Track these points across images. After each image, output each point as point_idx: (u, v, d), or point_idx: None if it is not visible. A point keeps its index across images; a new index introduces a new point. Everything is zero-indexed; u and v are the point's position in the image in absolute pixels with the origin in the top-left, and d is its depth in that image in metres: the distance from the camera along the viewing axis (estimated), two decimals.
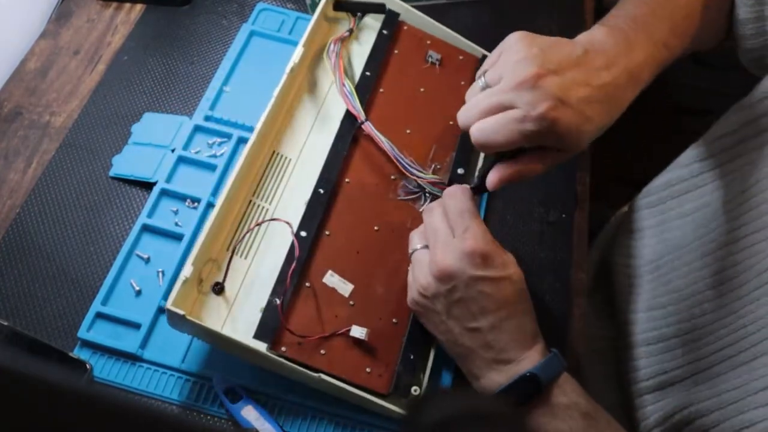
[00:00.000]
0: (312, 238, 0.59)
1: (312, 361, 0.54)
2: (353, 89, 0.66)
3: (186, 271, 0.53)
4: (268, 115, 0.62)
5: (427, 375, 0.57)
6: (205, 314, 0.56)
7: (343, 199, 0.62)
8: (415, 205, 0.63)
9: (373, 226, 0.61)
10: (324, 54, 0.70)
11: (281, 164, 0.65)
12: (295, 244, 0.57)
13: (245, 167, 0.60)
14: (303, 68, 0.70)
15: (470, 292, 0.53)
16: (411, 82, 0.70)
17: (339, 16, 0.74)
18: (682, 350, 0.64)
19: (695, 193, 0.71)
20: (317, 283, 0.57)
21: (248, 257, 0.60)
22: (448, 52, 0.73)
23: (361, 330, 0.55)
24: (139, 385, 0.57)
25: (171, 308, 0.51)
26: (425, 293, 0.54)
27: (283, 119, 0.67)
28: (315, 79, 0.71)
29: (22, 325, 0.59)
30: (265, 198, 0.63)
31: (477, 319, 0.53)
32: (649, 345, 0.68)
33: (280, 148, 0.66)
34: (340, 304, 0.57)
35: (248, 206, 0.62)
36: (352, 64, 0.72)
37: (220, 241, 0.59)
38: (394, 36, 0.73)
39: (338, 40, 0.70)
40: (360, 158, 0.65)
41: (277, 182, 0.64)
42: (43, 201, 0.65)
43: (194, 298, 0.56)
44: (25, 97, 0.72)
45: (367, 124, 0.65)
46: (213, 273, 0.58)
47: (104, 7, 0.80)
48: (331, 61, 0.69)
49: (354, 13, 0.74)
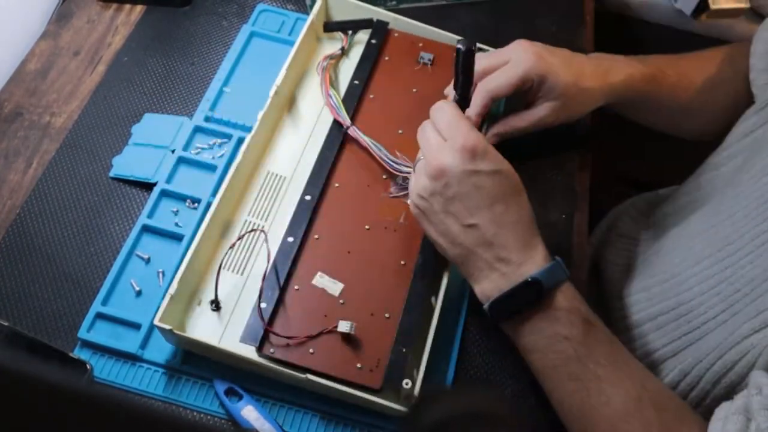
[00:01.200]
0: (299, 243, 0.60)
1: (301, 360, 0.55)
2: (339, 99, 0.69)
3: (172, 289, 0.56)
4: (252, 137, 0.65)
5: (422, 370, 0.56)
6: (195, 327, 0.58)
7: (331, 203, 0.64)
8: (407, 200, 0.64)
9: (364, 226, 0.63)
10: (316, 70, 0.73)
11: (276, 183, 0.67)
12: (268, 249, 0.59)
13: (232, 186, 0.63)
14: (291, 89, 0.72)
15: (464, 187, 0.54)
16: (402, 84, 0.72)
17: (326, 35, 0.77)
18: (672, 326, 0.65)
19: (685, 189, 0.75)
20: (306, 285, 0.59)
21: (238, 270, 0.62)
22: (442, 51, 0.74)
23: (347, 324, 0.55)
24: (139, 385, 0.57)
25: (158, 324, 0.54)
26: (423, 194, 0.56)
27: (270, 139, 0.69)
28: (306, 98, 0.73)
29: (22, 325, 0.59)
30: (261, 216, 0.65)
31: (473, 215, 0.55)
32: (640, 326, 0.69)
33: (273, 167, 0.68)
34: (330, 304, 0.58)
35: (243, 225, 0.64)
36: (342, 76, 0.74)
37: (211, 256, 0.62)
38: (383, 44, 0.74)
39: (327, 57, 0.73)
40: (349, 162, 0.67)
41: (272, 200, 0.66)
42: (44, 201, 0.65)
43: (184, 312, 0.59)
44: (25, 97, 0.72)
45: (352, 129, 0.67)
46: (202, 287, 0.60)
47: (104, 8, 0.80)
48: (320, 77, 0.71)
49: (345, 32, 0.75)
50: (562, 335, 0.54)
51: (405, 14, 0.77)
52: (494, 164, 0.55)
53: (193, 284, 0.60)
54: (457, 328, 0.62)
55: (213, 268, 0.61)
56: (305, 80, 0.74)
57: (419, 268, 0.60)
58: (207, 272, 0.61)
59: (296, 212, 0.63)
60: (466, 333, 0.62)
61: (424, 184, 0.56)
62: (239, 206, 0.65)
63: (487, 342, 0.62)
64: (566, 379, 0.54)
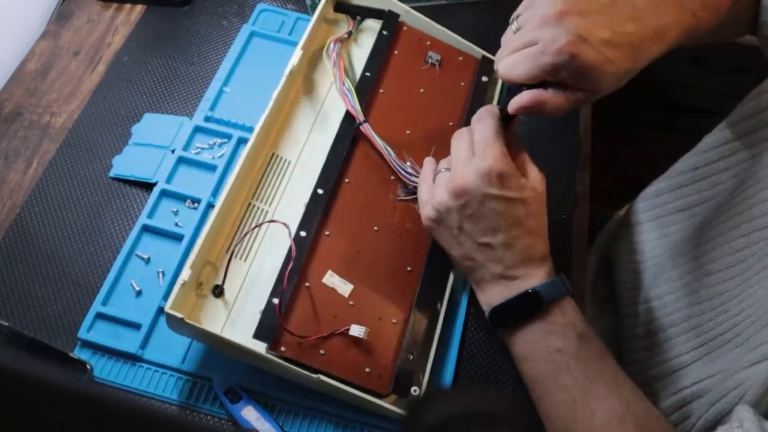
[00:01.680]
0: (311, 239, 0.59)
1: (311, 361, 0.54)
2: (353, 89, 0.66)
3: (184, 275, 0.54)
4: (266, 117, 0.62)
5: (427, 375, 0.57)
6: (204, 317, 0.57)
7: (343, 199, 0.62)
8: (415, 205, 0.63)
9: (373, 227, 0.61)
10: (324, 54, 0.70)
11: (281, 166, 0.65)
12: (292, 244, 0.57)
13: (244, 170, 0.60)
14: (302, 70, 0.70)
15: (483, 210, 0.54)
16: (411, 82, 0.71)
17: (338, 17, 0.75)
18: (682, 338, 0.65)
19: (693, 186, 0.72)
20: (317, 283, 0.57)
21: (248, 259, 0.60)
22: (448, 53, 0.73)
23: (360, 329, 0.55)
24: (139, 385, 0.57)
25: (169, 311, 0.51)
26: (439, 208, 0.56)
27: (282, 121, 0.67)
28: (314, 81, 0.71)
29: (22, 325, 0.59)
30: (265, 200, 0.63)
31: (487, 236, 0.55)
32: (649, 337, 0.69)
33: (279, 150, 0.66)
34: (340, 304, 0.57)
35: (247, 209, 0.62)
36: (352, 65, 0.72)
37: (220, 244, 0.59)
38: (393, 37, 0.73)
39: (338, 40, 0.71)
40: (360, 159, 0.65)
41: (277, 184, 0.64)
42: (44, 201, 0.65)
43: (193, 301, 0.56)
44: (25, 97, 0.72)
45: (365, 126, 0.65)
46: (212, 276, 0.58)
47: (104, 8, 0.80)
48: (331, 61, 0.69)
49: (353, 16, 0.74)
50: (555, 347, 0.55)
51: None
52: (517, 192, 0.55)
53: (202, 273, 0.57)
54: (457, 328, 0.62)
55: (221, 258, 0.59)
56: (315, 62, 0.72)
57: (426, 277, 0.60)
58: (216, 262, 0.59)
59: (309, 206, 0.60)
60: (466, 333, 0.62)
61: (443, 198, 0.56)
62: (246, 189, 0.62)
63: (487, 342, 0.62)
64: (554, 389, 0.55)
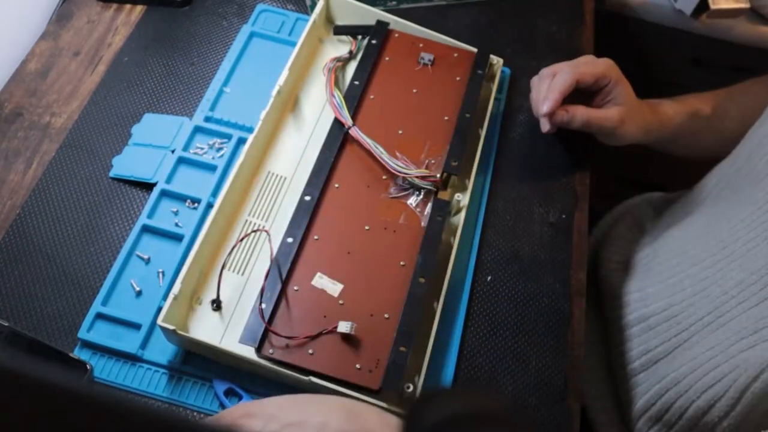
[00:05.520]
0: (298, 244, 0.60)
1: (300, 361, 0.55)
2: (342, 99, 0.69)
3: (175, 289, 0.56)
4: (255, 138, 0.65)
5: (423, 373, 0.56)
6: (198, 327, 0.58)
7: (331, 203, 0.64)
8: (407, 200, 0.65)
9: (364, 226, 0.63)
10: (322, 71, 0.73)
11: (276, 183, 0.67)
12: (271, 249, 0.59)
13: (235, 186, 0.63)
14: (292, 89, 0.72)
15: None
16: (402, 84, 0.72)
17: (328, 36, 0.77)
18: (663, 327, 0.67)
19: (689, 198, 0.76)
20: (306, 286, 0.59)
21: (239, 270, 0.62)
22: (442, 52, 0.75)
23: (347, 324, 0.55)
24: (139, 385, 0.57)
25: (161, 324, 0.54)
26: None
27: (273, 139, 0.69)
28: (307, 98, 0.73)
29: (22, 325, 0.59)
30: (261, 216, 0.65)
31: None
32: (633, 327, 0.71)
33: (273, 167, 0.68)
34: (330, 304, 0.58)
35: (243, 225, 0.64)
36: (345, 78, 0.75)
37: (212, 256, 0.62)
38: (383, 45, 0.75)
39: (335, 59, 0.73)
40: (350, 162, 0.67)
41: (272, 200, 0.66)
42: (44, 202, 0.65)
43: (186, 312, 0.59)
44: (25, 98, 0.72)
45: (353, 130, 0.67)
46: (205, 287, 0.60)
47: (104, 9, 0.80)
48: (325, 78, 0.71)
49: (354, 36, 0.75)
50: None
51: (405, 14, 0.77)
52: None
53: (195, 284, 0.60)
54: (457, 328, 0.62)
55: (214, 269, 0.61)
56: (306, 80, 0.74)
57: (419, 269, 0.60)
58: (209, 272, 0.61)
59: (296, 212, 0.63)
60: (466, 333, 0.62)
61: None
62: (241, 206, 0.65)
63: (487, 342, 0.62)
64: None
